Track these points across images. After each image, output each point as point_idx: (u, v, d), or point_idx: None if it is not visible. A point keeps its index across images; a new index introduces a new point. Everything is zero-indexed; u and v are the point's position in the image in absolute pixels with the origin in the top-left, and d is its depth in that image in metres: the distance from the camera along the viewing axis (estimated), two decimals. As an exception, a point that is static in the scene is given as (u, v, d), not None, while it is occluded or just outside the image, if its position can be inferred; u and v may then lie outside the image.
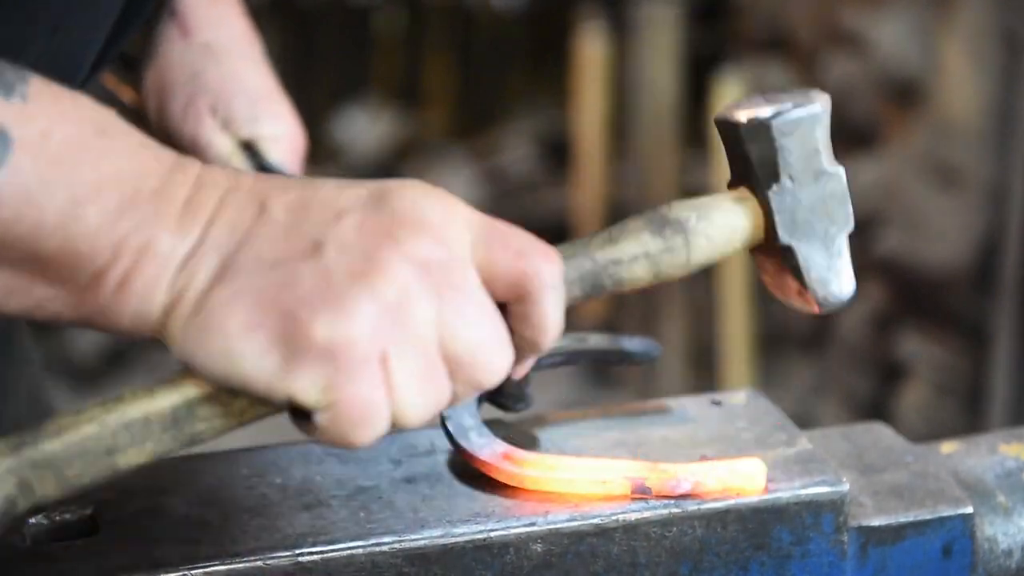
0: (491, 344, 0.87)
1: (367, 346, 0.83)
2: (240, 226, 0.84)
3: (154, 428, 0.83)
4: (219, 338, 0.82)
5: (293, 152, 1.30)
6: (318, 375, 0.83)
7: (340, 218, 0.84)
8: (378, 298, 0.83)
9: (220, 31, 1.32)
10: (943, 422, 3.29)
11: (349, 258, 0.83)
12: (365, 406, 0.83)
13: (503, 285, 0.88)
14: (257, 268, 0.83)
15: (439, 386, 0.85)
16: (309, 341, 0.82)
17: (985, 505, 1.10)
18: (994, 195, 3.23)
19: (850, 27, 3.54)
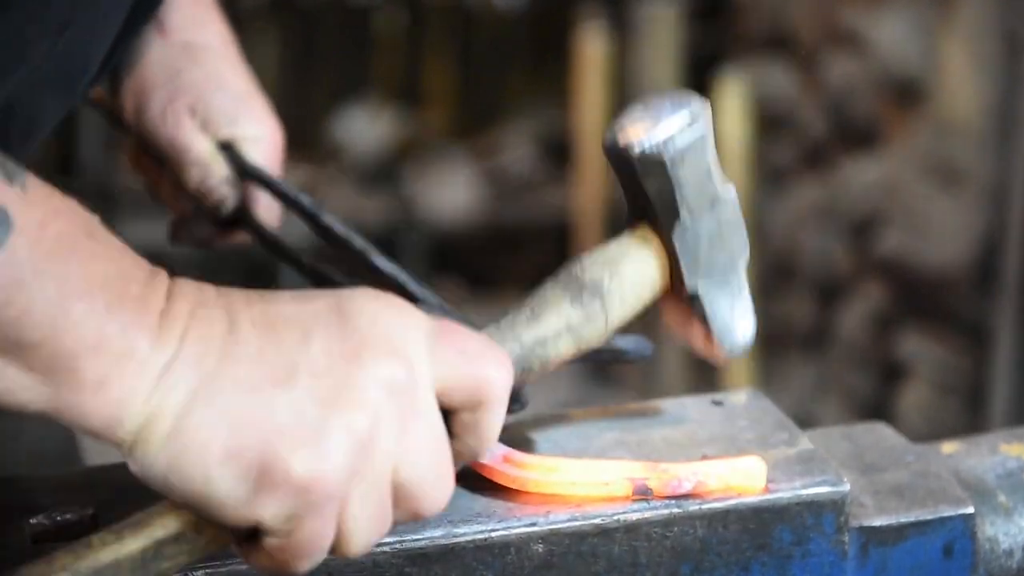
0: (439, 476, 0.88)
1: (337, 484, 0.84)
2: (212, 342, 0.85)
3: (123, 571, 0.85)
4: (199, 463, 0.83)
5: (272, 153, 1.30)
6: (286, 505, 0.84)
7: (308, 340, 0.86)
8: (352, 430, 0.84)
9: (199, 32, 1.32)
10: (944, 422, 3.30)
11: (323, 385, 0.85)
12: (318, 539, 0.85)
13: (460, 396, 0.89)
14: (235, 392, 0.84)
15: (384, 517, 0.87)
16: (285, 475, 0.83)
17: (986, 505, 1.10)
18: (995, 195, 3.23)
19: (851, 27, 3.54)
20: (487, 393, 0.89)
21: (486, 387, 0.89)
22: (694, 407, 1.15)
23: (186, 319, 0.85)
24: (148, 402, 0.83)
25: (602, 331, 0.95)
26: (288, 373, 0.85)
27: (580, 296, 0.94)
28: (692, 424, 1.12)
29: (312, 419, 0.84)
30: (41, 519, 0.99)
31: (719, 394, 1.16)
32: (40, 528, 0.98)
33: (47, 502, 1.01)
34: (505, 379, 0.90)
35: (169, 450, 0.83)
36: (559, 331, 0.94)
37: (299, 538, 0.85)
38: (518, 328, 0.93)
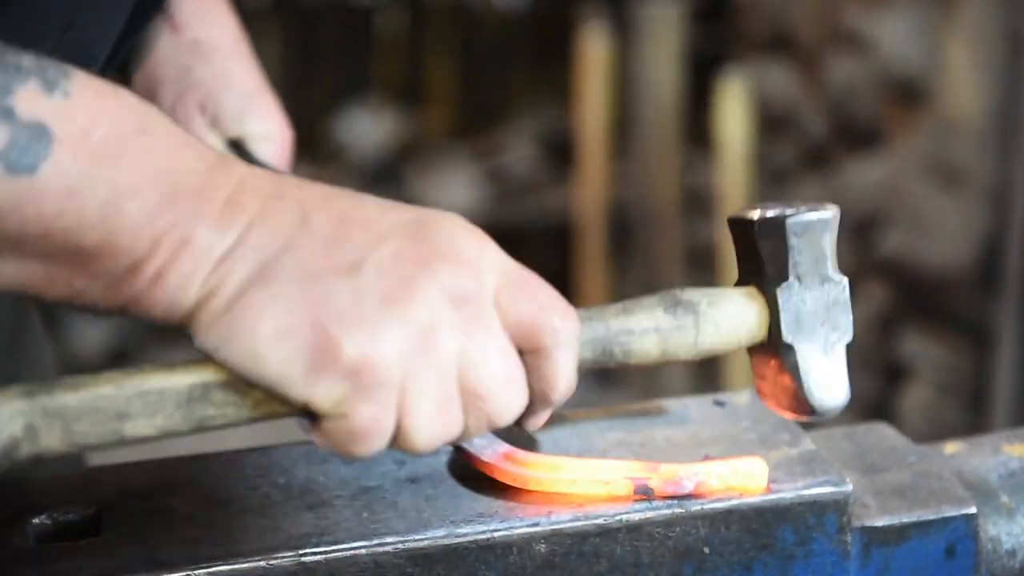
0: (508, 382, 0.89)
1: (389, 371, 0.85)
2: (280, 232, 0.85)
3: (168, 402, 0.85)
4: (248, 338, 0.84)
5: (281, 151, 1.30)
6: (337, 388, 0.85)
7: (380, 241, 0.86)
8: (408, 325, 0.85)
9: (210, 28, 1.32)
10: (946, 422, 3.29)
11: (385, 281, 0.85)
12: (372, 425, 0.86)
13: (521, 333, 0.89)
14: (294, 276, 0.85)
15: (452, 417, 0.87)
16: (336, 356, 0.84)
17: (988, 505, 1.10)
18: (997, 195, 3.23)
19: (853, 27, 3.53)
20: (549, 338, 0.89)
21: (549, 332, 0.89)
22: (696, 407, 1.15)
23: (256, 208, 0.85)
24: (205, 284, 0.84)
25: (691, 345, 0.96)
26: (352, 266, 0.85)
27: (675, 308, 0.96)
28: (694, 424, 1.12)
29: (369, 308, 0.84)
30: (43, 519, 0.99)
31: (721, 394, 1.16)
32: (42, 528, 0.98)
33: (49, 502, 1.01)
34: (569, 330, 0.90)
35: (219, 327, 0.84)
36: (647, 329, 0.95)
37: (353, 423, 0.85)
38: (607, 315, 0.95)
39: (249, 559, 0.95)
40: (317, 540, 0.97)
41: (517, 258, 0.91)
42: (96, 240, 0.82)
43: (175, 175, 0.84)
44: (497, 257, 0.90)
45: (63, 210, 0.81)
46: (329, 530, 0.98)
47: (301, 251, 0.85)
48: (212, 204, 0.85)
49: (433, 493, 1.02)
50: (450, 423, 0.88)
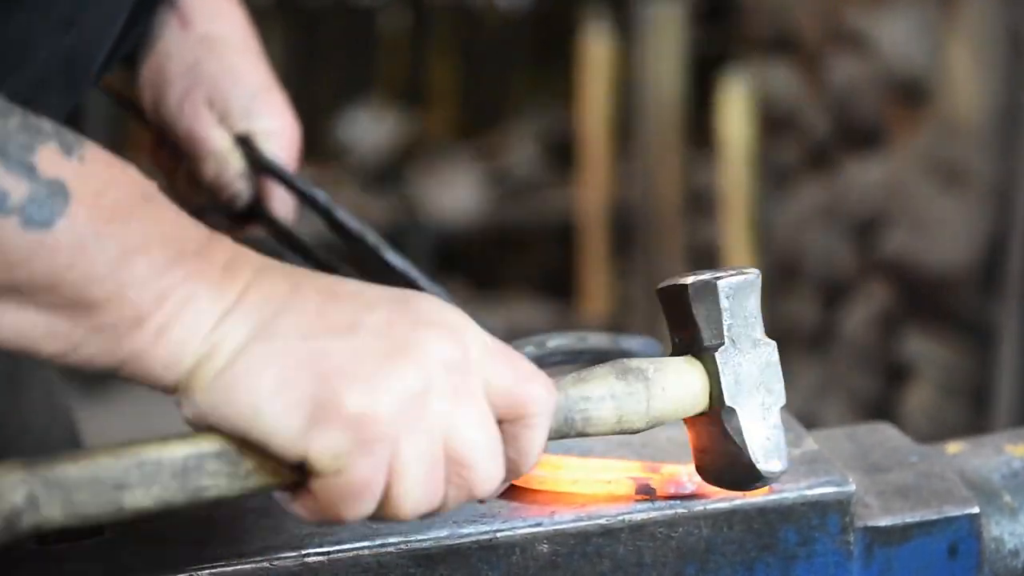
0: (490, 452, 0.89)
1: (390, 425, 0.85)
2: (275, 297, 0.87)
3: (164, 472, 0.85)
4: (248, 391, 0.85)
5: (289, 147, 1.31)
6: (338, 441, 0.85)
7: (370, 308, 0.88)
8: (407, 381, 0.86)
9: (219, 23, 1.32)
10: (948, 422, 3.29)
11: (381, 342, 0.87)
12: (368, 482, 0.86)
13: (503, 403, 0.90)
14: (293, 336, 0.86)
15: (436, 483, 0.88)
16: (339, 408, 0.85)
17: (991, 505, 1.10)
18: (999, 195, 3.23)
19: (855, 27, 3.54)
20: (530, 407, 0.90)
21: (530, 402, 0.90)
22: (699, 407, 1.15)
23: (249, 276, 0.87)
24: (207, 341, 0.85)
25: (643, 413, 0.96)
26: (349, 327, 0.87)
27: (625, 375, 0.97)
28: (697, 424, 1.12)
29: (368, 365, 0.86)
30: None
31: (724, 394, 1.16)
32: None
33: (53, 502, 1.01)
34: (549, 400, 0.91)
35: (221, 382, 0.85)
36: (603, 396, 0.96)
37: (347, 480, 0.85)
38: (564, 384, 0.96)
39: (252, 559, 0.95)
40: (320, 540, 0.97)
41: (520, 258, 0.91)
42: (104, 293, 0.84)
43: (180, 240, 0.87)
44: (477, 329, 0.91)
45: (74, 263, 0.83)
46: (332, 530, 0.98)
47: (297, 314, 0.87)
48: (213, 267, 0.87)
49: (436, 493, 1.02)
50: (435, 491, 0.88)
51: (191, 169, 1.29)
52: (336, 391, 0.84)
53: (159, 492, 0.86)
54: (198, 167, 1.28)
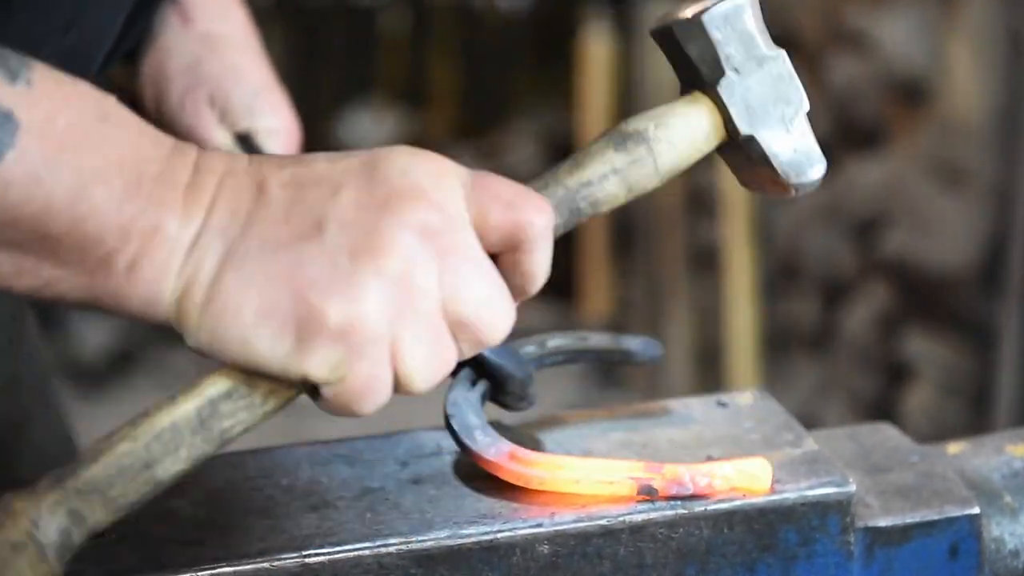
0: (493, 301, 0.89)
1: (377, 325, 0.85)
2: (241, 209, 0.86)
3: (183, 433, 0.85)
4: (235, 325, 0.85)
5: (289, 146, 1.30)
6: (330, 354, 0.85)
7: (337, 193, 0.86)
8: (384, 273, 0.85)
9: (220, 21, 1.32)
10: (949, 423, 3.29)
11: (351, 235, 0.85)
12: (372, 380, 0.86)
13: (497, 237, 0.90)
14: (263, 252, 0.85)
15: (445, 350, 0.88)
16: (322, 324, 0.84)
17: (992, 505, 1.10)
18: (1000, 195, 3.23)
19: (855, 27, 3.53)
20: (525, 233, 0.89)
21: (524, 228, 0.89)
22: (699, 408, 1.15)
23: (213, 190, 0.86)
24: (180, 275, 0.84)
25: (651, 174, 0.95)
26: (315, 226, 0.85)
27: (624, 143, 0.95)
28: (697, 425, 1.12)
29: (342, 267, 0.85)
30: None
31: (724, 395, 1.16)
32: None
33: (53, 503, 1.00)
34: (544, 219, 0.90)
35: (206, 319, 0.85)
36: (605, 174, 0.94)
37: (353, 384, 0.85)
38: (560, 176, 0.94)
39: (252, 560, 0.95)
40: (321, 541, 0.97)
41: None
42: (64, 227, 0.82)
43: (138, 162, 0.84)
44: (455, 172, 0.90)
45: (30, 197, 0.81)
46: (332, 531, 0.98)
47: (263, 224, 0.85)
48: (174, 191, 0.85)
49: (436, 494, 1.02)
50: (445, 357, 0.88)
51: None
52: (316, 306, 0.84)
53: (187, 452, 0.86)
54: None
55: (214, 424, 0.86)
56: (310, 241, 0.85)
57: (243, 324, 0.84)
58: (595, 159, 0.95)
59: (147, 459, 0.84)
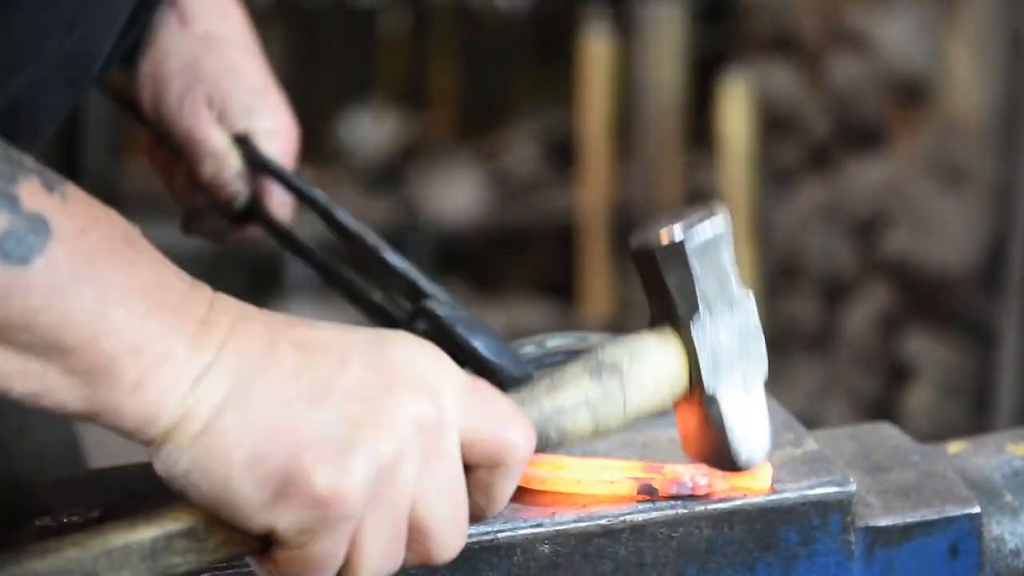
0: (454, 522, 0.89)
1: (356, 503, 0.85)
2: (251, 356, 0.86)
3: (132, 557, 0.85)
4: (222, 463, 0.84)
5: (287, 147, 1.30)
6: (303, 517, 0.85)
7: (344, 366, 0.87)
8: (377, 454, 0.85)
9: (219, 22, 1.32)
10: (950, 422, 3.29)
11: (354, 408, 0.86)
12: (328, 557, 0.86)
13: (480, 451, 0.90)
14: (268, 403, 0.85)
15: (397, 552, 0.88)
16: (309, 486, 0.84)
17: (992, 505, 1.10)
18: (1000, 195, 3.23)
19: (855, 27, 3.54)
20: (507, 455, 0.90)
21: (507, 449, 0.90)
22: (700, 407, 1.15)
23: (226, 330, 0.86)
24: (183, 403, 0.84)
25: (620, 414, 0.95)
26: (322, 392, 0.86)
27: (599, 372, 0.95)
28: (698, 424, 1.12)
29: (339, 437, 0.85)
30: (46, 521, 0.99)
31: (725, 394, 1.16)
32: (45, 530, 0.98)
33: (52, 504, 1.01)
34: (526, 447, 0.91)
35: (195, 450, 0.84)
36: (577, 404, 0.94)
37: (310, 554, 0.85)
38: (537, 394, 0.95)
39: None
40: (321, 541, 0.96)
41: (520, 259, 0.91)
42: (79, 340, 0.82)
43: (159, 290, 0.85)
44: (454, 374, 0.90)
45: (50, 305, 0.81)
46: (332, 531, 0.98)
47: (273, 378, 0.86)
48: (191, 322, 0.85)
49: (436, 494, 1.02)
50: (393, 559, 0.88)
51: (189, 168, 1.29)
52: (306, 467, 0.84)
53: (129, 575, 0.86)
54: (196, 166, 1.28)
55: (162, 558, 0.86)
56: (314, 405, 0.85)
57: (232, 465, 0.84)
58: (571, 385, 0.95)
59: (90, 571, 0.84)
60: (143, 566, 0.86)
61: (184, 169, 1.30)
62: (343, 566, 0.87)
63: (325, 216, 1.23)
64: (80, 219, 0.83)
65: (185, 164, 1.29)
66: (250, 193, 1.29)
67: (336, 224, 1.22)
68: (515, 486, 0.92)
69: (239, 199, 1.29)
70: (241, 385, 0.85)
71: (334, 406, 0.86)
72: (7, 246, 0.79)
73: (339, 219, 1.22)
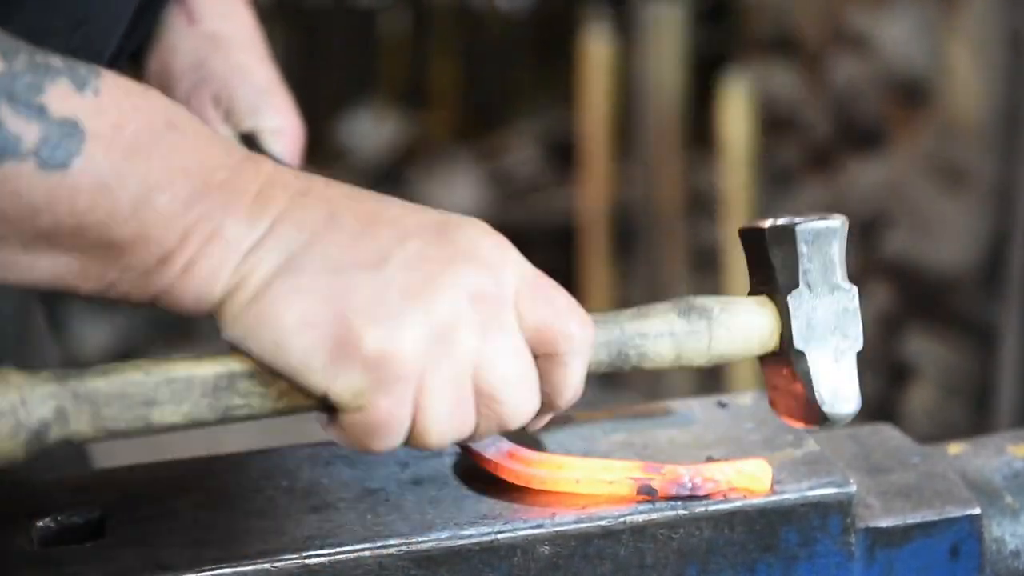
0: (522, 385, 0.89)
1: (410, 365, 0.86)
2: (307, 227, 0.87)
3: (195, 390, 0.86)
4: (273, 329, 0.85)
5: (293, 146, 1.31)
6: (357, 380, 0.86)
7: (405, 239, 0.88)
8: (430, 320, 0.86)
9: (226, 21, 1.32)
10: (950, 423, 3.29)
11: (409, 277, 0.86)
12: (390, 419, 0.87)
13: (538, 338, 0.90)
14: (320, 269, 0.86)
15: (465, 415, 0.88)
16: (358, 349, 0.85)
17: (993, 506, 1.10)
18: (1001, 195, 3.23)
19: (856, 27, 3.53)
20: (564, 344, 0.90)
21: (563, 339, 0.90)
22: (700, 409, 1.15)
23: (283, 203, 0.87)
24: (235, 274, 0.85)
25: (704, 351, 0.96)
26: (378, 260, 0.86)
27: (688, 312, 0.97)
28: (698, 426, 1.12)
29: (392, 302, 0.85)
30: (48, 522, 0.99)
31: (725, 395, 1.16)
32: (46, 531, 0.98)
33: (53, 504, 1.01)
34: (585, 337, 0.91)
35: (246, 317, 0.85)
36: (661, 332, 0.96)
37: (371, 415, 0.86)
38: (622, 319, 0.96)
39: (253, 562, 0.95)
40: (321, 542, 0.97)
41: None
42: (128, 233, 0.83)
43: (204, 170, 0.85)
44: (518, 261, 0.91)
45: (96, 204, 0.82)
46: (333, 532, 0.98)
47: (327, 245, 0.86)
48: (241, 198, 0.86)
49: (437, 495, 1.02)
50: (463, 422, 0.88)
51: None
52: (357, 330, 0.84)
53: (188, 409, 0.86)
54: None
55: (224, 397, 0.87)
56: (369, 271, 0.86)
57: (282, 329, 0.85)
58: (658, 316, 0.97)
59: (151, 397, 0.85)
60: (204, 402, 0.86)
61: None
62: (412, 430, 0.87)
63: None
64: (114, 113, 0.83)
65: None
66: None
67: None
68: (579, 375, 0.91)
69: None
70: (295, 254, 0.86)
71: (389, 273, 0.86)
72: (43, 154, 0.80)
73: None
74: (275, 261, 0.86)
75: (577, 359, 0.91)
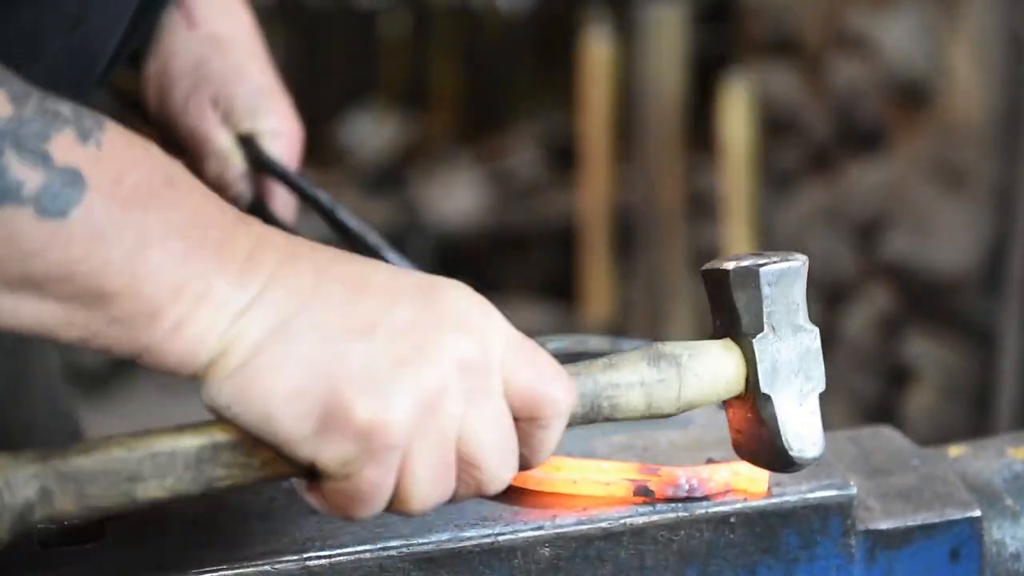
0: (503, 453, 0.89)
1: (399, 435, 0.85)
2: (297, 292, 0.86)
3: (177, 464, 0.85)
4: (262, 397, 0.85)
5: (291, 149, 1.31)
6: (346, 449, 0.85)
7: (393, 305, 0.87)
8: (419, 389, 0.86)
9: (225, 23, 1.32)
10: (950, 425, 3.29)
11: (398, 346, 0.86)
12: (375, 488, 0.86)
13: (521, 402, 0.90)
14: (310, 336, 0.85)
15: (447, 482, 0.88)
16: (348, 419, 0.84)
17: (993, 508, 1.10)
18: (1001, 197, 3.23)
19: (856, 29, 3.54)
20: (547, 409, 0.90)
21: (547, 404, 0.90)
22: (700, 411, 1.15)
23: (273, 266, 0.86)
24: (223, 339, 0.85)
25: (674, 399, 0.96)
26: (367, 328, 0.86)
27: (657, 361, 0.96)
28: (698, 427, 1.12)
29: (382, 371, 0.85)
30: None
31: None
32: (47, 532, 0.98)
33: (54, 506, 1.00)
34: (566, 402, 0.91)
35: (235, 382, 0.85)
36: (632, 383, 0.95)
37: (356, 484, 0.86)
38: (593, 370, 0.95)
39: (253, 563, 0.95)
40: (321, 544, 0.97)
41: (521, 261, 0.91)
42: (119, 285, 0.83)
43: (200, 228, 0.85)
44: (503, 325, 0.91)
45: (89, 254, 0.82)
46: (333, 534, 0.98)
47: (317, 312, 0.86)
48: (233, 259, 0.85)
49: (437, 497, 1.02)
50: (444, 489, 0.88)
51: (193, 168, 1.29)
52: (347, 400, 0.84)
53: (172, 483, 0.86)
54: (201, 166, 1.29)
55: (208, 468, 0.86)
56: (358, 340, 0.86)
57: (272, 398, 0.84)
58: (628, 366, 0.96)
59: (134, 473, 0.84)
60: (188, 475, 0.86)
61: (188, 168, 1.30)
62: (394, 496, 0.87)
63: (328, 217, 1.24)
64: (115, 166, 0.83)
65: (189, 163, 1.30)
66: (253, 193, 1.30)
67: (338, 225, 1.23)
68: (557, 438, 0.92)
69: (242, 199, 1.29)
70: (284, 320, 0.85)
71: (378, 342, 0.86)
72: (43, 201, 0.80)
73: (341, 220, 1.23)
74: (265, 326, 0.85)
75: (557, 422, 0.91)
